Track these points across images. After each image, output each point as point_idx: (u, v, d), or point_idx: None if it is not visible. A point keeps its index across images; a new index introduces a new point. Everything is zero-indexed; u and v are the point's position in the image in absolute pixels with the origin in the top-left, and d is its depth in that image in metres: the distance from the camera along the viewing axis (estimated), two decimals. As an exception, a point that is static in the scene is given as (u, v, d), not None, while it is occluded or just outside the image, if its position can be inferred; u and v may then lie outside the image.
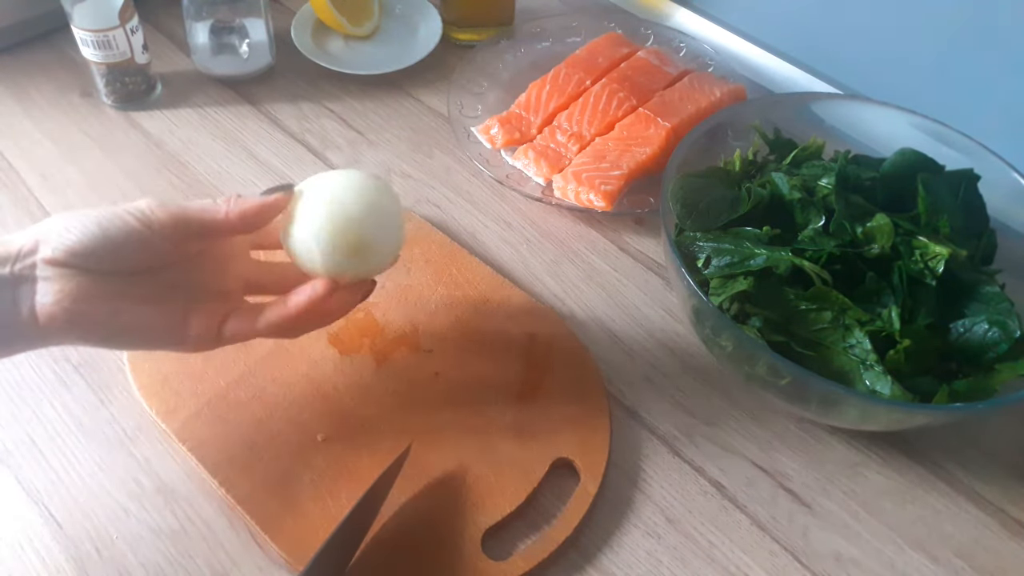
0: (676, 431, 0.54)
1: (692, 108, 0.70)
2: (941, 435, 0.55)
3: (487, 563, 0.46)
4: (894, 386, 0.47)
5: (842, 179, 0.55)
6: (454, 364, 0.55)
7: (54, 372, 0.55)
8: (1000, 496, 0.52)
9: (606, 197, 0.64)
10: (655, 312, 0.61)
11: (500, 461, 0.50)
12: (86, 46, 0.68)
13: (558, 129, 0.71)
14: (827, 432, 0.55)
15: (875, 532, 0.50)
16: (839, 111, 0.64)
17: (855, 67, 0.77)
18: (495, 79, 0.77)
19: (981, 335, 0.50)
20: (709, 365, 0.58)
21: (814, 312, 0.50)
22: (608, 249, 0.65)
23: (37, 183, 0.66)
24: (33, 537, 0.47)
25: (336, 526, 0.44)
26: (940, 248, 0.50)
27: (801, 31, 0.80)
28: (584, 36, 0.81)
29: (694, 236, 0.55)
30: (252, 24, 0.75)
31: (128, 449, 0.51)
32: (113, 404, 0.53)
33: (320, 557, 0.43)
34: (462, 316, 0.58)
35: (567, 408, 0.53)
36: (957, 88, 0.71)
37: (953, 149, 0.58)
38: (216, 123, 0.73)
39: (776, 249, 0.52)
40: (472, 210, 0.67)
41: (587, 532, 0.49)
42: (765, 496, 0.51)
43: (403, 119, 0.75)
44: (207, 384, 0.53)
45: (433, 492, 0.49)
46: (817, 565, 0.49)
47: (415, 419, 0.52)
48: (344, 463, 0.50)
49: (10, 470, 0.50)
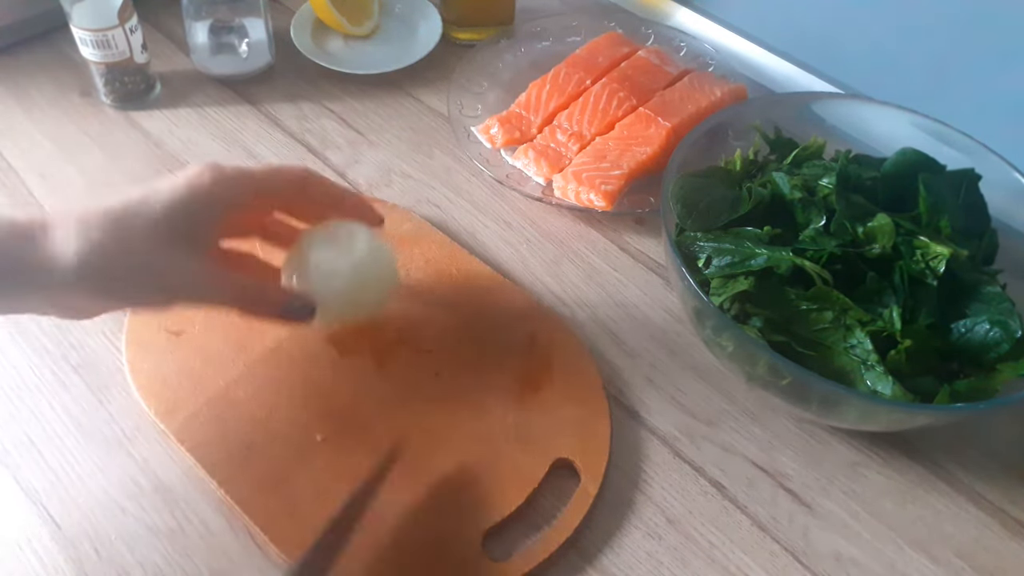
0: (676, 431, 0.54)
1: (692, 108, 0.70)
2: (942, 435, 0.55)
3: (487, 563, 0.46)
4: (895, 386, 0.47)
5: (843, 179, 0.55)
6: (454, 364, 0.55)
7: (53, 372, 0.55)
8: (1000, 496, 0.52)
9: (606, 197, 0.64)
10: (655, 312, 0.61)
11: (500, 461, 0.50)
12: (85, 45, 0.68)
13: (558, 129, 0.71)
14: (827, 432, 0.55)
15: (875, 532, 0.50)
16: (840, 111, 0.64)
17: (855, 67, 0.77)
18: (495, 79, 0.77)
19: (982, 335, 0.50)
20: (709, 365, 0.58)
21: (815, 312, 0.50)
22: (608, 249, 0.65)
23: (36, 183, 0.66)
24: (32, 537, 0.47)
25: (326, 526, 0.43)
26: (941, 248, 0.50)
27: (801, 31, 0.80)
28: (584, 36, 0.81)
29: (694, 236, 0.55)
30: (252, 24, 0.74)
31: (127, 449, 0.51)
32: (112, 404, 0.53)
33: (308, 557, 0.42)
34: (462, 316, 0.58)
35: (567, 408, 0.53)
36: (957, 88, 0.71)
37: (954, 149, 0.58)
38: (216, 123, 0.73)
39: (777, 249, 0.52)
40: (472, 210, 0.67)
41: (587, 533, 0.49)
42: (765, 496, 0.51)
43: (403, 119, 0.75)
44: (206, 384, 0.53)
45: (433, 492, 0.49)
46: (817, 565, 0.49)
47: (415, 419, 0.52)
48: (343, 464, 0.49)
49: (8, 470, 0.50)
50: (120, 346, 0.55)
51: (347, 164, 0.70)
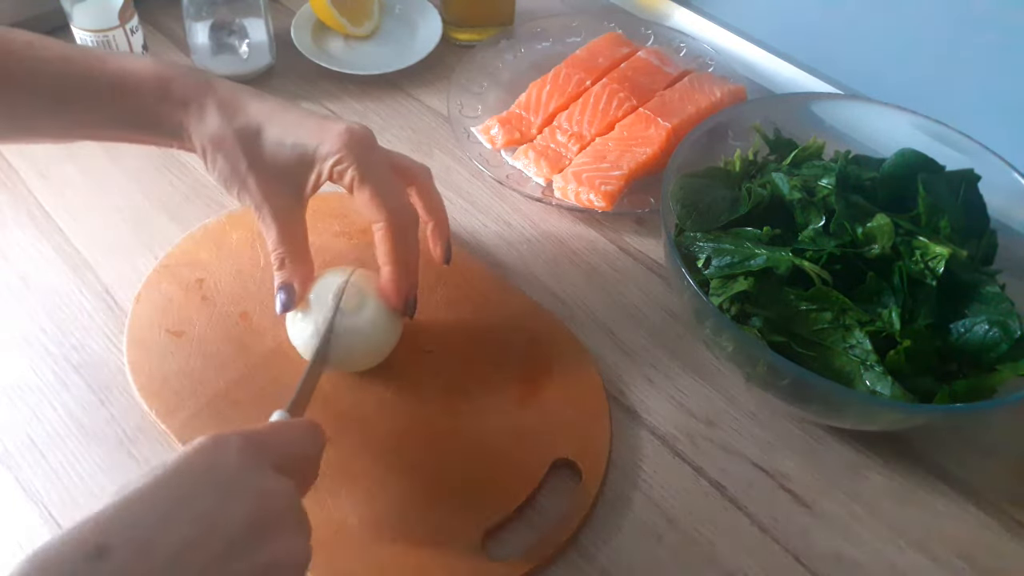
0: (676, 431, 0.54)
1: (692, 108, 0.70)
2: (941, 435, 0.55)
3: (487, 563, 0.46)
4: (894, 386, 0.47)
5: (842, 179, 0.55)
6: (455, 364, 0.55)
7: (54, 373, 0.55)
8: (1000, 496, 0.52)
9: (606, 197, 0.64)
10: (655, 312, 0.61)
11: (500, 461, 0.50)
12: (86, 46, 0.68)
13: (558, 129, 0.71)
14: (827, 433, 0.55)
15: (876, 532, 0.50)
16: (839, 111, 0.64)
17: (855, 67, 0.77)
18: (495, 79, 0.77)
19: (981, 335, 0.50)
20: (709, 365, 0.58)
21: (814, 312, 0.50)
22: (608, 249, 0.65)
23: (37, 183, 0.66)
24: (33, 538, 0.47)
25: None
26: (940, 248, 0.50)
27: (801, 31, 0.80)
28: (584, 36, 0.81)
29: (694, 236, 0.55)
30: (252, 24, 0.75)
31: (128, 449, 0.51)
32: (113, 405, 0.53)
33: None
34: (463, 316, 0.58)
35: (567, 408, 0.53)
36: (957, 88, 0.71)
37: (953, 149, 0.58)
38: (216, 123, 0.73)
39: (776, 249, 0.52)
40: (472, 210, 0.67)
41: (587, 532, 0.49)
42: (765, 497, 0.51)
43: (403, 119, 0.75)
44: (207, 384, 0.53)
45: (433, 492, 0.49)
46: (817, 566, 0.49)
47: (415, 419, 0.52)
48: (344, 464, 0.50)
49: (10, 471, 0.50)
50: (121, 346, 0.55)
51: (347, 164, 0.70)
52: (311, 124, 0.47)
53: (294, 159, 0.46)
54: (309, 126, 0.47)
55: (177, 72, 0.47)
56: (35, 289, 0.59)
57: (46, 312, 0.58)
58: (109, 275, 0.60)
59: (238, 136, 0.46)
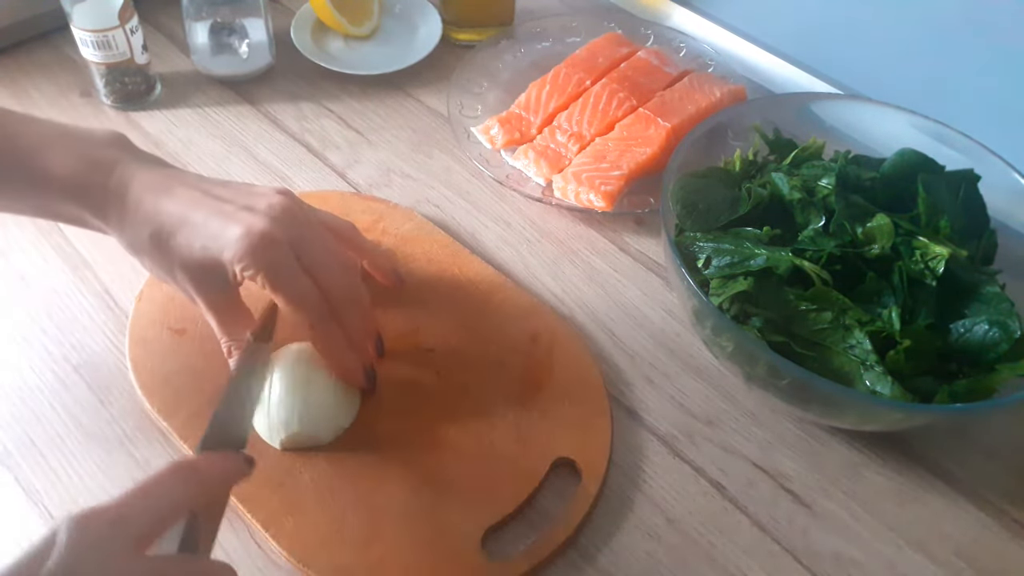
0: (676, 431, 0.54)
1: (692, 108, 0.70)
2: (941, 435, 0.55)
3: (487, 563, 0.46)
4: (894, 386, 0.47)
5: (842, 179, 0.55)
6: (455, 364, 0.55)
7: (54, 373, 0.55)
8: (1000, 496, 0.52)
9: (606, 197, 0.64)
10: (655, 312, 0.61)
11: (500, 461, 0.50)
12: (86, 46, 0.68)
13: (558, 129, 0.71)
14: (827, 433, 0.55)
15: (875, 532, 0.50)
16: (839, 111, 0.64)
17: (855, 67, 0.77)
18: (495, 79, 0.77)
19: (981, 335, 0.50)
20: (709, 365, 0.58)
21: (814, 312, 0.50)
22: (608, 249, 0.65)
23: (37, 183, 0.66)
24: (33, 537, 0.47)
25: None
26: (940, 248, 0.50)
27: (801, 31, 0.80)
28: (584, 36, 0.81)
29: (694, 236, 0.55)
30: (252, 24, 0.75)
31: (128, 449, 0.51)
32: (113, 405, 0.53)
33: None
34: (463, 316, 0.58)
35: (568, 408, 0.53)
36: (957, 88, 0.71)
37: (953, 149, 0.58)
38: (216, 123, 0.73)
39: (776, 249, 0.52)
40: (472, 210, 0.67)
41: (587, 532, 0.49)
42: (765, 497, 0.51)
43: (403, 119, 0.75)
44: (208, 383, 0.53)
45: (433, 492, 0.49)
46: (817, 566, 0.49)
47: (415, 418, 0.52)
48: (344, 462, 0.50)
49: (10, 471, 0.50)
50: (121, 346, 0.55)
51: (347, 164, 0.70)
52: (214, 226, 0.45)
53: (208, 261, 0.45)
54: (212, 229, 0.45)
55: (87, 167, 0.47)
56: (35, 289, 0.59)
57: (46, 312, 0.58)
58: (109, 275, 0.60)
59: (154, 244, 0.46)
